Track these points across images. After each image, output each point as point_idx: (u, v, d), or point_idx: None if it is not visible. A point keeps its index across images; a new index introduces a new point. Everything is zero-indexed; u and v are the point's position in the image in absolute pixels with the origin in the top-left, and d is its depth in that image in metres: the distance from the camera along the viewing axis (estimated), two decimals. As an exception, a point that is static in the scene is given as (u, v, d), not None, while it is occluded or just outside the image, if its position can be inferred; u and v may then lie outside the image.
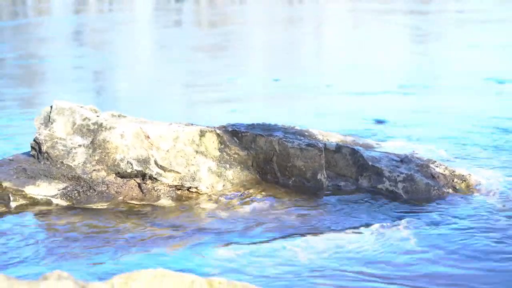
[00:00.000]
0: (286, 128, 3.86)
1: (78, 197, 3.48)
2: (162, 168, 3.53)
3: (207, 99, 6.35)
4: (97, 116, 3.65)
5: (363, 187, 3.58)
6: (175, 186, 3.54)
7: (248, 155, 3.66)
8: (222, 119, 4.32)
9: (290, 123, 4.02)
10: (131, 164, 3.51)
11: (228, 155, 3.65)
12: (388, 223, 3.18)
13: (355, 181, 3.61)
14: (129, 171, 3.51)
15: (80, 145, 3.57)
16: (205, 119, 4.27)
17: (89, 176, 3.50)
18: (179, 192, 3.54)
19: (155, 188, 3.52)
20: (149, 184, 3.53)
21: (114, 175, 3.52)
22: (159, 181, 3.52)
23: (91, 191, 3.49)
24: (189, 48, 10.50)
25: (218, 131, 3.68)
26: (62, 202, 3.47)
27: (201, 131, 3.66)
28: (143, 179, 3.52)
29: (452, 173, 3.63)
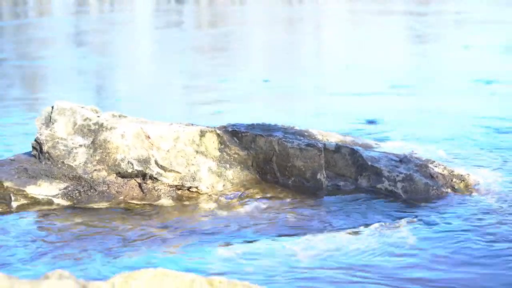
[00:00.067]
0: (285, 128, 3.87)
1: (79, 197, 3.49)
2: (162, 168, 3.54)
3: (199, 100, 6.37)
4: (98, 117, 3.66)
5: (362, 187, 3.59)
6: (176, 186, 3.55)
7: (248, 155, 3.67)
8: (206, 119, 4.33)
9: (288, 124, 4.03)
10: (132, 164, 3.53)
11: (228, 155, 3.66)
12: (387, 223, 3.19)
13: (354, 181, 3.62)
14: (129, 171, 3.53)
15: (81, 145, 3.58)
16: (193, 119, 4.28)
17: (90, 176, 3.51)
18: (179, 192, 3.56)
19: (156, 188, 3.54)
20: (149, 184, 3.54)
21: (115, 175, 3.54)
22: (159, 181, 3.54)
23: (92, 191, 3.50)
24: (189, 48, 10.52)
25: (218, 131, 3.69)
26: (63, 202, 3.48)
27: (201, 131, 3.67)
28: (143, 179, 3.54)
29: (451, 173, 3.65)
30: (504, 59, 8.37)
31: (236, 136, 3.71)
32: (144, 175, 3.53)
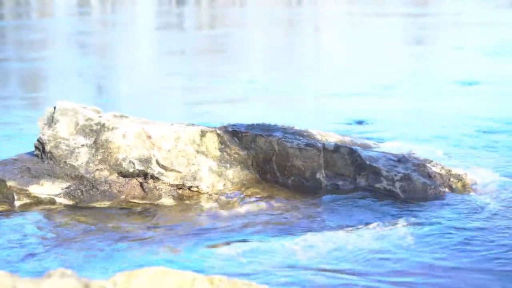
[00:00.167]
0: (285, 128, 3.89)
1: (81, 196, 3.52)
2: (163, 167, 3.57)
3: (199, 100, 6.39)
4: (100, 117, 3.68)
5: (361, 186, 3.61)
6: (176, 185, 3.57)
7: (248, 154, 3.70)
8: (205, 119, 4.34)
9: (287, 124, 4.05)
10: (133, 164, 3.55)
11: (229, 155, 3.68)
12: (386, 222, 3.20)
13: (353, 180, 3.64)
14: (131, 170, 3.55)
15: (83, 145, 3.60)
16: (193, 119, 4.30)
17: (92, 176, 3.54)
18: (180, 191, 3.58)
19: (157, 187, 3.56)
20: (150, 183, 3.56)
21: (117, 174, 3.56)
22: (160, 180, 3.56)
23: (94, 190, 3.52)
24: (189, 49, 10.53)
25: (219, 131, 3.71)
26: (65, 201, 3.51)
27: (202, 131, 3.69)
28: (145, 178, 3.56)
29: (449, 173, 3.67)
30: (493, 61, 8.40)
31: (236, 136, 3.73)
32: (145, 175, 3.55)
